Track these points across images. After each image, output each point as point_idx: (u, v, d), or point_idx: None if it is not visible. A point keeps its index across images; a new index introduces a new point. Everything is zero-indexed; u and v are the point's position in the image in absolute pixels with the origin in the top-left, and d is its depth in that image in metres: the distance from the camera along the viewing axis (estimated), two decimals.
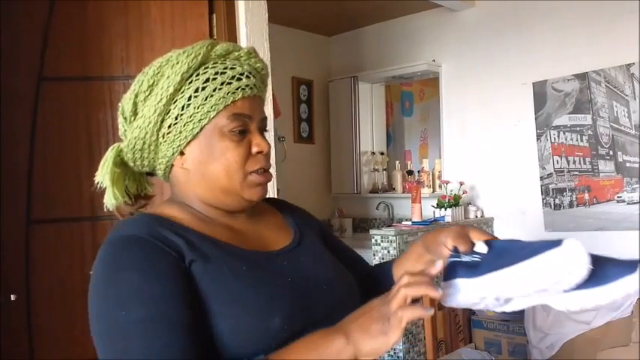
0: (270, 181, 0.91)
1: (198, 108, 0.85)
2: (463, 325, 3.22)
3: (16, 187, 1.83)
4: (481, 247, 0.81)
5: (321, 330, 0.75)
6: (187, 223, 0.87)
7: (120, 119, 0.90)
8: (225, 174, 0.87)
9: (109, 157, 0.91)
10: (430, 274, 0.76)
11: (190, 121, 0.85)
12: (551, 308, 2.80)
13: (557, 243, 0.70)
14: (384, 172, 4.22)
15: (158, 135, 0.87)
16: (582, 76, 3.20)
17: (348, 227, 4.19)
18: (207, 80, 0.85)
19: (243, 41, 2.06)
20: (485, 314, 3.15)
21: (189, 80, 0.85)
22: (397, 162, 4.11)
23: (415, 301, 0.72)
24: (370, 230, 3.10)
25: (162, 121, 0.86)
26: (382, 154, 4.28)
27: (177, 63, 0.85)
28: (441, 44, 3.79)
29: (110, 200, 0.91)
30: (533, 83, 3.37)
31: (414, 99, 4.40)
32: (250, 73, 0.89)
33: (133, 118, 0.88)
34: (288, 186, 3.50)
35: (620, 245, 3.02)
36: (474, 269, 0.78)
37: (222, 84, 0.85)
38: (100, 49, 1.92)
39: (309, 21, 4.05)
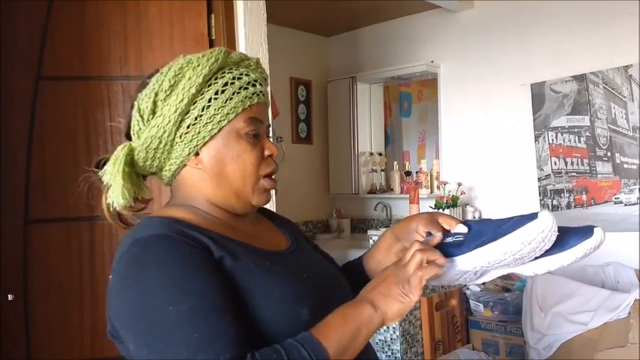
0: (275, 187, 0.96)
1: (217, 110, 0.88)
2: (461, 325, 3.22)
3: (14, 187, 1.82)
4: (462, 228, 0.90)
5: (345, 304, 0.82)
6: (200, 224, 0.88)
7: (136, 117, 0.90)
8: (240, 175, 0.91)
9: (120, 155, 0.91)
10: (433, 243, 0.88)
11: (210, 122, 0.88)
12: (549, 309, 2.79)
13: (533, 216, 0.82)
14: (382, 172, 4.22)
15: (176, 134, 0.89)
16: (580, 78, 3.21)
17: (346, 228, 4.19)
18: (226, 84, 0.89)
19: (241, 41, 2.06)
20: (483, 315, 3.16)
21: (209, 83, 0.89)
22: (395, 163, 4.11)
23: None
24: (368, 231, 3.11)
25: (181, 121, 0.88)
26: (380, 154, 4.28)
27: (199, 65, 0.88)
28: (439, 45, 3.79)
29: (119, 199, 0.90)
30: (531, 84, 3.37)
31: (412, 100, 4.40)
32: (260, 81, 0.94)
33: (151, 117, 0.89)
34: (286, 187, 3.51)
35: (617, 246, 3.02)
36: (458, 248, 0.87)
37: (240, 88, 0.90)
38: (98, 49, 1.92)
39: (307, 21, 4.05)
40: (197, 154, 0.91)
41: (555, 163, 3.32)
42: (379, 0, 3.63)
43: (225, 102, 0.89)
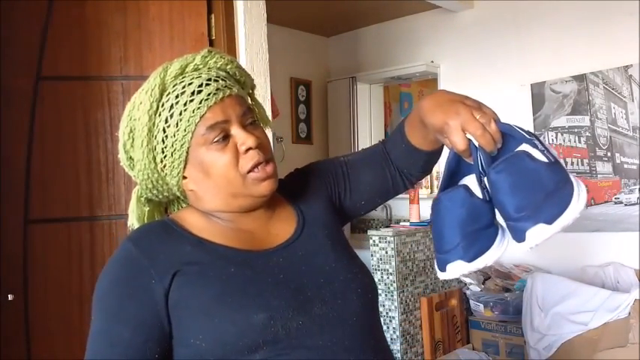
0: (273, 172, 0.91)
1: (175, 136, 0.87)
2: (461, 325, 3.22)
3: (14, 187, 1.82)
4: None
5: None
6: (193, 226, 0.91)
7: (125, 167, 0.95)
8: (225, 182, 0.89)
9: (133, 201, 0.97)
10: None
11: (175, 150, 0.88)
12: (549, 309, 2.78)
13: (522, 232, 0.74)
14: None
15: (158, 171, 0.91)
16: (580, 78, 3.21)
17: (346, 228, 4.19)
18: (172, 107, 0.87)
19: (241, 41, 2.06)
20: (483, 315, 3.16)
21: (158, 113, 0.87)
22: None
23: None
24: (368, 231, 3.10)
25: (154, 159, 0.90)
26: None
27: (141, 103, 0.88)
28: (439, 45, 3.79)
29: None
30: (531, 84, 3.37)
31: (413, 100, 4.40)
32: (210, 79, 0.88)
33: (132, 165, 0.93)
34: None
35: (617, 246, 3.02)
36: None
37: (184, 105, 0.86)
38: (98, 49, 1.92)
39: (307, 21, 4.05)
40: (185, 177, 0.91)
41: None
42: (379, 0, 3.64)
43: (177, 125, 0.86)
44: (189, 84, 0.87)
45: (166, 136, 0.87)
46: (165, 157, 0.89)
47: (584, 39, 3.16)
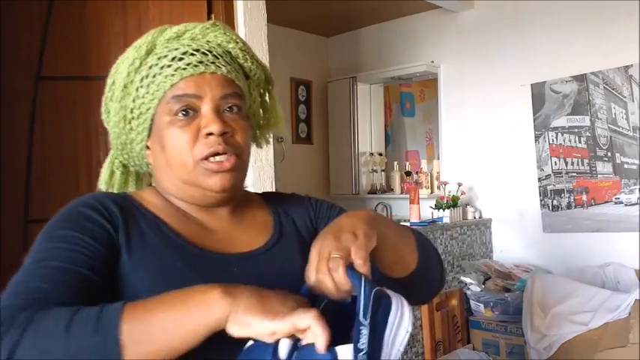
0: (231, 168, 0.80)
1: (144, 97, 0.81)
2: (461, 325, 3.21)
3: (14, 187, 1.82)
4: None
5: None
6: (153, 207, 0.83)
7: (104, 121, 0.89)
8: (176, 163, 0.80)
9: (107, 161, 0.91)
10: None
11: (140, 113, 0.82)
12: (549, 309, 2.77)
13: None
14: (383, 172, 4.22)
15: (126, 132, 0.85)
16: (580, 78, 3.21)
17: None
18: (150, 68, 0.81)
19: None
20: (483, 315, 3.16)
21: (138, 71, 0.82)
22: (395, 163, 4.11)
23: None
24: None
25: (124, 117, 0.84)
26: (380, 154, 4.28)
27: (127, 57, 0.83)
28: (439, 45, 3.79)
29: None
30: (531, 85, 3.37)
31: (414, 100, 4.40)
32: (198, 50, 0.81)
33: (108, 120, 0.88)
34: (286, 187, 3.49)
35: (617, 246, 3.02)
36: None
37: (161, 68, 0.80)
38: (98, 49, 1.92)
39: (307, 22, 4.05)
40: (148, 147, 0.85)
41: (555, 164, 3.31)
42: (379, 0, 3.64)
43: (148, 87, 0.80)
44: (175, 49, 0.81)
45: (137, 96, 0.82)
46: (133, 118, 0.83)
47: (584, 39, 3.16)
